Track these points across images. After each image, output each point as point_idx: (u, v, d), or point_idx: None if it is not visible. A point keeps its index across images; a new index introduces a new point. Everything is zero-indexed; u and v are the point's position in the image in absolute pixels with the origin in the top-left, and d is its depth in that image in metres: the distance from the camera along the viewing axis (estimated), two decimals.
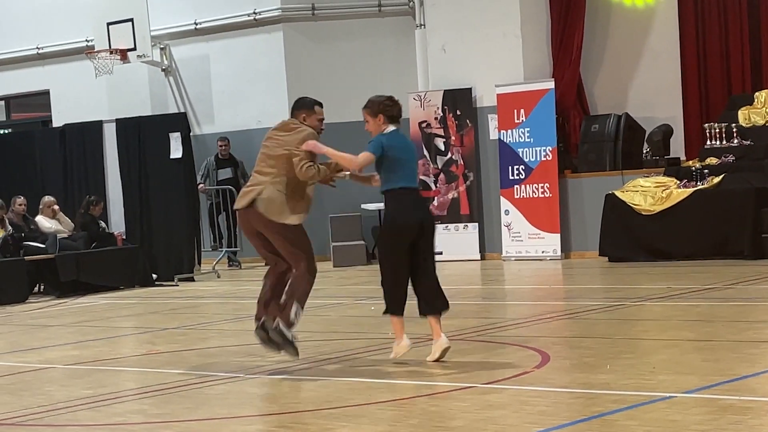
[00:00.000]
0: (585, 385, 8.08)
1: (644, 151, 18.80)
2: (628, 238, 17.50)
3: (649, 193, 17.45)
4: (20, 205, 18.83)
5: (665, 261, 16.89)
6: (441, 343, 9.25)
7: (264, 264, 9.90)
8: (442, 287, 9.44)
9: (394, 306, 9.27)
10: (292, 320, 9.36)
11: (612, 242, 17.74)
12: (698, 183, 17.25)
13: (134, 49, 21.63)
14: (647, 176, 17.88)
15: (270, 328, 9.36)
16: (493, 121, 19.67)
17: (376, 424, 7.27)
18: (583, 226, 18.88)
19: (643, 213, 17.38)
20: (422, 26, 20.70)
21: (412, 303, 9.34)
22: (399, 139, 9.46)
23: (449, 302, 9.49)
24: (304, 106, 9.91)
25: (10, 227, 18.24)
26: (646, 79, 19.57)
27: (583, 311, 12.20)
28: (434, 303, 9.35)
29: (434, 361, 9.19)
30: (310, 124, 9.73)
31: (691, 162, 18.16)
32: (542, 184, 19.03)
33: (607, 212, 17.82)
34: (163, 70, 22.56)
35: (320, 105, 10.05)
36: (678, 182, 17.41)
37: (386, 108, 9.52)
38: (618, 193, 17.76)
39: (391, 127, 9.44)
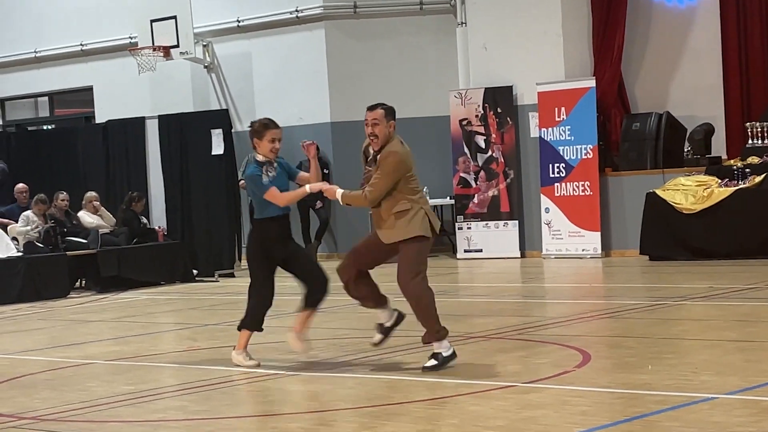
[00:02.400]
0: (626, 385, 8.00)
1: (685, 150, 18.66)
2: (669, 236, 17.36)
3: (690, 191, 17.31)
4: (62, 200, 18.91)
5: (706, 260, 16.75)
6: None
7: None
8: (478, 286, 9.28)
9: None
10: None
11: (653, 241, 17.60)
12: (740, 182, 17.09)
13: (177, 46, 21.67)
14: (688, 175, 17.73)
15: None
16: (533, 119, 19.57)
17: (417, 423, 7.21)
18: (623, 224, 18.76)
19: (684, 212, 17.23)
20: (463, 24, 20.62)
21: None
22: None
23: None
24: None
25: (51, 221, 18.29)
26: (687, 77, 19.42)
27: (624, 310, 12.10)
28: None
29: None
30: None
31: (732, 161, 17.99)
32: (583, 182, 18.91)
33: (648, 211, 17.68)
34: (205, 67, 22.58)
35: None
36: (719, 181, 17.25)
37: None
38: (659, 192, 17.63)
39: None
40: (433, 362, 8.91)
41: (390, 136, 9.09)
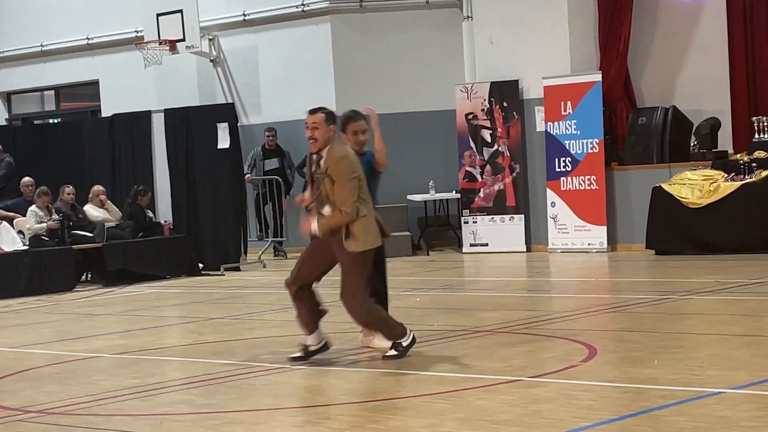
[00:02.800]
0: (633, 379, 7.98)
1: (692, 144, 18.62)
2: (675, 231, 17.34)
3: (696, 186, 17.28)
4: (69, 194, 18.90)
5: (712, 254, 16.72)
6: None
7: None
8: (484, 280, 9.22)
9: None
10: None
11: (659, 235, 17.58)
12: (746, 176, 17.05)
13: (183, 40, 21.66)
14: (694, 169, 17.70)
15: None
16: (539, 113, 19.54)
17: (422, 416, 7.20)
18: (629, 218, 18.73)
19: (691, 206, 17.20)
20: (469, 18, 20.58)
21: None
22: None
23: None
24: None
25: (57, 215, 18.28)
26: (693, 72, 19.38)
27: (630, 304, 12.08)
28: None
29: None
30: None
31: (738, 155, 17.95)
32: (589, 177, 18.89)
33: (654, 205, 17.66)
34: (211, 61, 22.57)
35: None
36: (726, 175, 17.22)
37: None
38: (665, 186, 17.60)
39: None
40: (393, 352, 9.11)
41: (330, 140, 9.14)
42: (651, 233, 17.70)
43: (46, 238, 17.98)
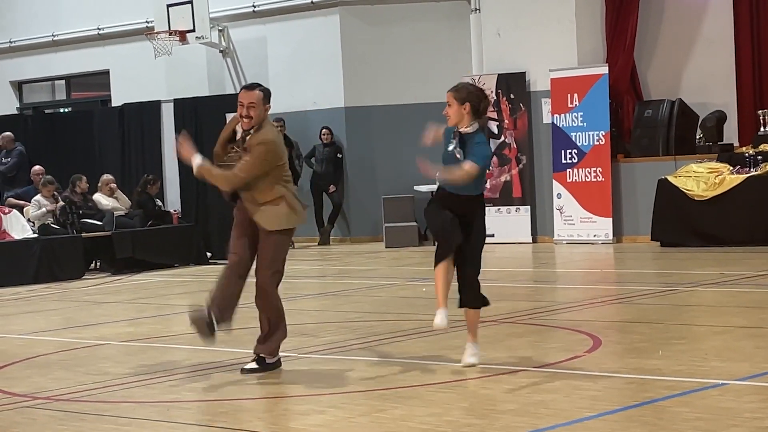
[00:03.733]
0: (637, 370, 7.95)
1: (697, 137, 18.58)
2: (680, 223, 17.30)
3: (702, 178, 17.23)
4: (86, 183, 18.86)
5: (717, 246, 16.68)
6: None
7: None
8: (490, 270, 9.01)
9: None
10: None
11: (664, 227, 17.54)
12: (751, 169, 17.00)
13: (193, 30, 21.66)
14: (700, 162, 17.66)
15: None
16: (546, 105, 19.50)
17: (428, 405, 7.18)
18: (635, 210, 18.69)
19: (696, 198, 17.16)
20: (477, 11, 20.53)
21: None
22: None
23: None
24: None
25: (62, 202, 18.25)
26: (700, 65, 19.33)
27: (635, 296, 12.05)
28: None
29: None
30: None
31: (744, 148, 17.90)
32: (595, 169, 18.85)
33: (660, 197, 17.62)
34: (221, 51, 22.55)
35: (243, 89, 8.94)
36: (731, 168, 17.17)
37: (472, 99, 8.31)
38: (671, 179, 17.56)
39: (476, 125, 8.32)
40: (254, 365, 8.56)
41: (263, 119, 8.70)
42: (656, 225, 17.66)
43: (56, 226, 17.97)
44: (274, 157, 8.62)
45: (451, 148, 8.36)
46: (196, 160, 8.80)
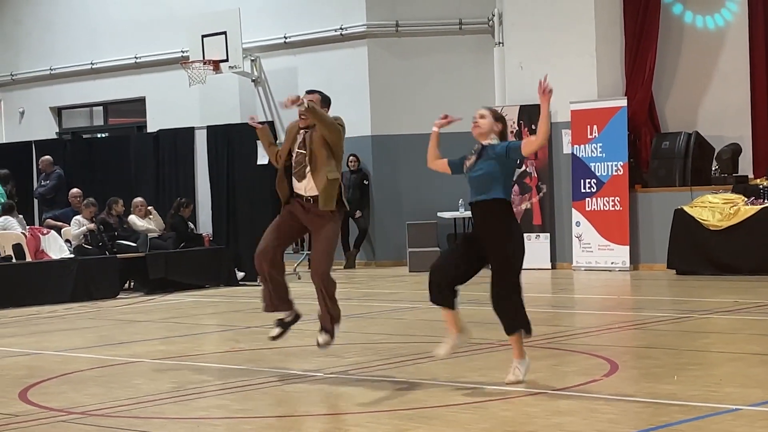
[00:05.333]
0: (652, 394, 7.91)
1: (713, 169, 18.54)
2: (695, 252, 17.25)
3: (717, 209, 17.18)
4: (122, 206, 18.94)
5: (732, 275, 16.62)
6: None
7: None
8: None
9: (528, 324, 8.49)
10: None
11: (680, 255, 17.48)
12: (765, 201, 16.96)
13: (227, 60, 21.76)
14: (716, 193, 17.61)
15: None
16: (566, 136, 19.49)
17: (450, 426, 7.16)
18: (651, 239, 18.64)
19: (711, 228, 17.11)
20: (501, 44, 20.58)
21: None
22: None
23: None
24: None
25: (101, 226, 18.30)
26: (716, 98, 19.30)
27: (651, 322, 12.00)
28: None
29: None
30: None
31: (758, 180, 17.86)
32: (613, 198, 18.82)
33: (676, 226, 17.57)
34: (253, 80, 22.64)
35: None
36: (746, 199, 17.12)
37: (506, 125, 8.81)
38: (687, 209, 17.51)
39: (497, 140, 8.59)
40: (326, 336, 9.26)
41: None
42: (672, 254, 17.61)
43: (88, 247, 18.01)
44: (343, 132, 9.60)
45: (469, 163, 8.52)
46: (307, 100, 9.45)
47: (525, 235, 19.50)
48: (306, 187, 9.31)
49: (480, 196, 8.45)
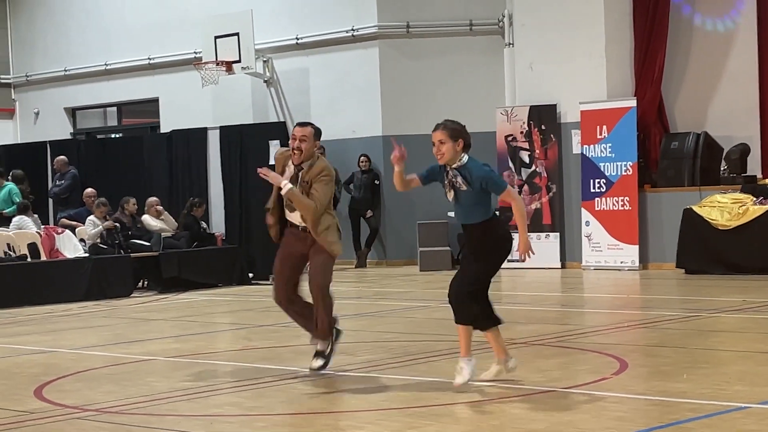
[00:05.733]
0: (662, 392, 7.91)
1: (722, 169, 18.51)
2: (704, 251, 17.22)
3: (726, 208, 17.16)
4: (133, 205, 18.98)
5: (740, 275, 16.59)
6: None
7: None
8: (520, 294, 9.05)
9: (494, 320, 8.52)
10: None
11: (689, 255, 17.46)
12: None
13: (239, 61, 21.79)
14: (724, 193, 17.58)
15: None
16: (576, 137, 19.48)
17: (460, 423, 7.18)
18: (660, 238, 18.62)
19: (720, 228, 17.08)
20: (511, 45, 20.57)
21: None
22: None
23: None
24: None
25: (117, 225, 18.34)
26: (725, 99, 19.27)
27: (660, 321, 11.99)
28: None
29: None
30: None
31: (767, 180, 17.81)
32: (622, 198, 18.80)
33: (685, 226, 17.55)
34: (265, 81, 22.66)
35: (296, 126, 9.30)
36: (754, 199, 17.09)
37: (466, 135, 8.38)
38: (696, 208, 17.49)
39: (465, 157, 8.35)
40: (321, 361, 9.08)
41: (312, 154, 9.05)
42: (681, 253, 17.59)
43: (104, 246, 18.05)
44: (333, 187, 9.05)
45: (456, 185, 8.31)
46: (287, 183, 8.93)
47: (535, 234, 19.70)
48: (299, 217, 9.10)
49: (467, 221, 8.46)
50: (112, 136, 26.28)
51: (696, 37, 19.55)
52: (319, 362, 9.10)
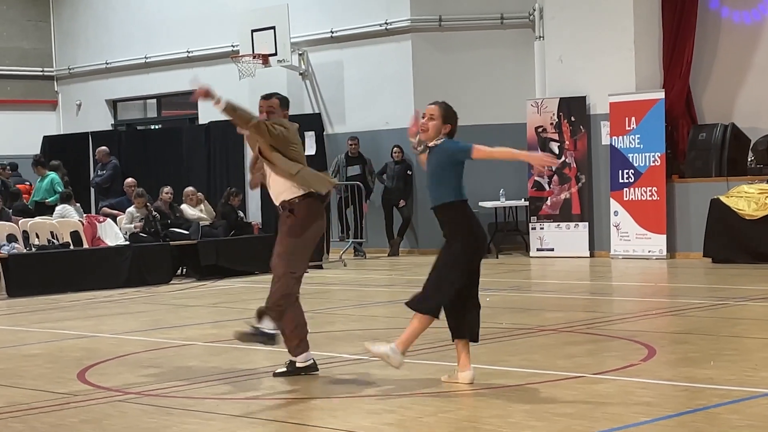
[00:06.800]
0: (689, 379, 7.89)
1: (749, 160, 18.39)
2: (731, 240, 17.14)
3: (752, 199, 17.06)
4: (167, 193, 19.08)
5: (767, 264, 16.48)
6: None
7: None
8: (550, 282, 9.07)
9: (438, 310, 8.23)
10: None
11: (716, 244, 17.38)
12: None
13: (275, 54, 21.81)
14: (751, 183, 17.49)
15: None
16: (605, 128, 19.41)
17: (491, 407, 7.18)
18: (688, 228, 18.54)
19: (747, 218, 16.99)
20: (541, 38, 20.50)
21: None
22: None
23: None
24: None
25: (156, 213, 18.43)
26: (752, 91, 19.15)
27: (688, 309, 11.94)
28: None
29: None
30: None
31: None
32: (650, 188, 18.72)
33: (712, 216, 17.47)
34: (300, 74, 22.69)
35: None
36: None
37: (455, 123, 8.30)
38: (723, 198, 17.40)
39: (443, 138, 8.20)
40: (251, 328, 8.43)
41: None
42: (708, 242, 17.51)
43: (143, 234, 18.15)
44: (286, 133, 9.03)
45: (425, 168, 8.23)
46: (223, 97, 8.87)
47: (564, 224, 19.59)
48: (274, 194, 9.01)
49: (435, 202, 8.31)
50: (152, 127, 26.39)
51: (723, 29, 19.43)
52: (250, 328, 8.44)
